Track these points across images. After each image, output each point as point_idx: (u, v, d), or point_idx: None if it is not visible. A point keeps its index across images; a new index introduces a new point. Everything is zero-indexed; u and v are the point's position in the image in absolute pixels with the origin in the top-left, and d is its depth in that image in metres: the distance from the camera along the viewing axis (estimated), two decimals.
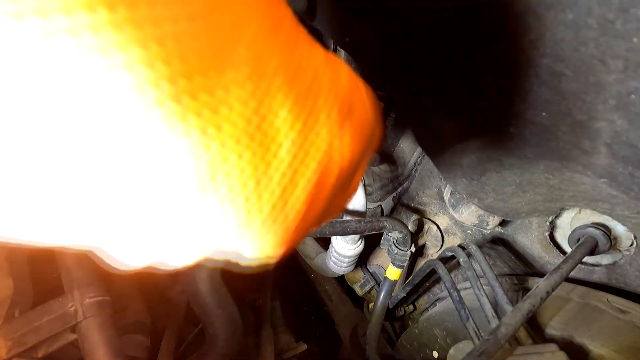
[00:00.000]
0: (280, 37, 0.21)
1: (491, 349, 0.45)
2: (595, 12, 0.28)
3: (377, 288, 1.01)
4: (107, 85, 0.16)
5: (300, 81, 0.22)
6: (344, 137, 0.25)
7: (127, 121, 0.17)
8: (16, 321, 0.58)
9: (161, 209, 0.19)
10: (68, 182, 0.18)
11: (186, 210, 0.19)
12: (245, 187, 0.20)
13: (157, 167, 0.18)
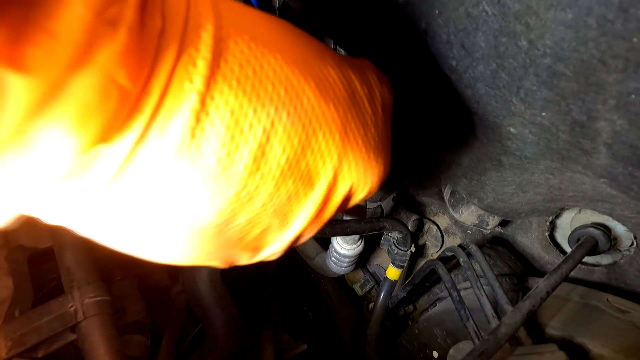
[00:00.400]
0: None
1: (491, 349, 0.45)
2: (595, 12, 0.28)
3: (377, 288, 1.01)
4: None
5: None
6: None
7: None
8: (16, 321, 0.58)
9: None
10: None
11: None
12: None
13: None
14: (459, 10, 0.37)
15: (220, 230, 0.27)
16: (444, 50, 0.43)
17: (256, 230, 0.29)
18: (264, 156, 0.25)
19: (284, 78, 0.26)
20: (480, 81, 0.42)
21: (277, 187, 0.27)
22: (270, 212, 0.28)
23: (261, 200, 0.27)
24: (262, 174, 0.26)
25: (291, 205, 0.29)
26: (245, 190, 0.26)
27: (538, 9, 0.31)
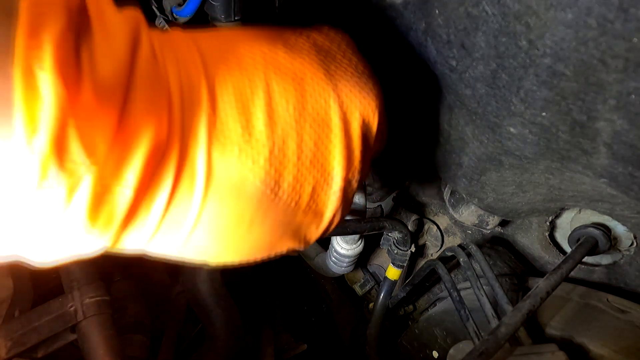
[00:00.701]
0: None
1: (491, 349, 0.45)
2: (595, 12, 0.28)
3: (377, 288, 1.01)
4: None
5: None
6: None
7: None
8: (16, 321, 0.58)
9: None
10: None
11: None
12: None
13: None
14: (459, 10, 0.37)
15: (276, 194, 0.31)
16: (444, 50, 0.43)
17: (307, 189, 0.33)
18: (274, 110, 0.30)
19: (256, 49, 0.32)
20: (480, 81, 0.42)
21: (299, 134, 0.31)
22: (308, 165, 0.32)
23: (293, 151, 0.31)
24: (281, 127, 0.30)
25: (321, 151, 0.33)
26: (275, 146, 0.30)
27: (538, 9, 0.31)
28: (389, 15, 0.48)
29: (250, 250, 0.34)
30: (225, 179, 0.28)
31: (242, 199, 0.29)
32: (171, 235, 0.29)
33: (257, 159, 0.29)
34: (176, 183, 0.26)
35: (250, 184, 0.29)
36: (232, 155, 0.28)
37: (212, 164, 0.27)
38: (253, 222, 0.31)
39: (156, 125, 0.25)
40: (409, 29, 0.47)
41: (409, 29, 0.47)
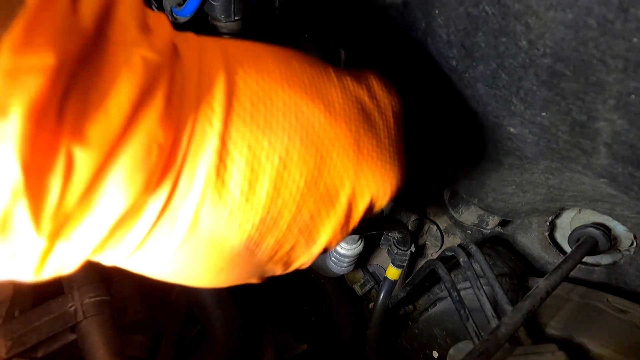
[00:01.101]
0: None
1: (491, 349, 0.45)
2: (595, 12, 0.28)
3: (377, 288, 1.01)
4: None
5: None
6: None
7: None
8: (16, 321, 0.58)
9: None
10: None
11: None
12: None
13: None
14: (459, 10, 0.37)
15: (252, 252, 0.29)
16: (444, 50, 0.43)
17: (285, 248, 0.31)
18: (283, 182, 0.28)
19: (293, 106, 0.28)
20: (480, 81, 0.42)
21: (299, 209, 0.29)
22: (296, 232, 0.30)
23: (285, 222, 0.29)
24: (283, 199, 0.28)
25: (315, 223, 0.31)
26: (269, 216, 0.28)
27: (538, 9, 0.31)
28: (389, 15, 0.48)
29: (211, 284, 0.33)
30: (206, 233, 0.26)
31: (217, 253, 0.28)
32: (148, 260, 0.28)
33: (244, 224, 0.27)
34: (157, 220, 0.25)
35: (230, 243, 0.28)
36: (221, 217, 0.26)
37: (199, 218, 0.26)
38: (223, 270, 0.30)
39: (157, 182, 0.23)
40: (409, 28, 0.47)
41: (409, 29, 0.47)
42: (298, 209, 0.29)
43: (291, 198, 0.28)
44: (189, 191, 0.25)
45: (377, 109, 0.34)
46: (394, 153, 0.34)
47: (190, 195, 0.25)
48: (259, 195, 0.27)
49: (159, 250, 0.26)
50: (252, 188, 0.26)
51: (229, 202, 0.26)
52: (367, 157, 0.32)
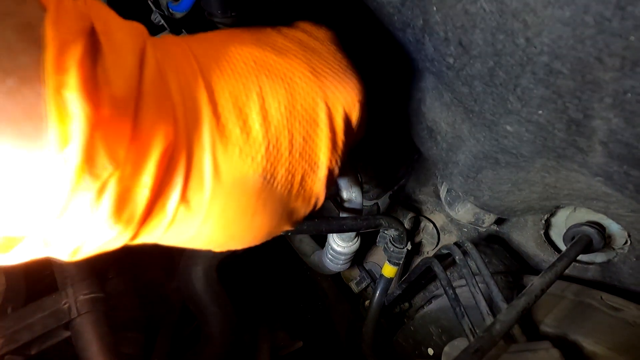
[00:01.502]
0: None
1: (486, 346, 0.45)
2: (592, 10, 0.28)
3: (372, 286, 1.01)
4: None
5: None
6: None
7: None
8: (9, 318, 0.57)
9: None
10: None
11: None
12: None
13: None
14: (456, 8, 0.37)
15: (272, 185, 0.35)
16: (442, 48, 0.43)
17: (297, 178, 0.37)
18: (267, 112, 0.34)
19: (248, 55, 0.35)
20: (478, 79, 0.42)
21: (291, 132, 0.35)
22: (298, 157, 0.36)
23: (286, 148, 0.35)
24: (275, 127, 0.34)
25: (310, 145, 0.37)
26: (270, 144, 0.34)
27: (535, 7, 0.31)
28: (387, 12, 0.48)
29: (252, 237, 0.38)
30: (229, 176, 0.31)
31: (244, 192, 0.33)
32: (183, 230, 0.32)
33: (255, 156, 0.33)
34: (186, 183, 0.29)
35: (251, 178, 0.33)
36: (234, 155, 0.31)
37: (218, 164, 0.31)
38: (255, 212, 0.35)
39: (164, 131, 0.28)
40: (407, 25, 0.46)
41: (406, 26, 0.47)
42: (290, 133, 0.35)
43: (280, 124, 0.34)
44: (201, 145, 0.30)
45: (316, 40, 0.42)
46: (345, 68, 0.41)
47: (204, 149, 0.30)
48: (255, 128, 0.33)
49: (194, 210, 0.30)
50: (246, 124, 0.32)
51: (234, 140, 0.31)
52: (323, 74, 0.38)
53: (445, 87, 0.49)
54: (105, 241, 0.28)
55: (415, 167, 0.95)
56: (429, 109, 0.57)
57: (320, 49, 0.41)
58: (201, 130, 0.30)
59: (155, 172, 0.27)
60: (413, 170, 0.96)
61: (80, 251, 0.29)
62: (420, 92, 0.57)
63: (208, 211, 0.31)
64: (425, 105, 0.57)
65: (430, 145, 0.64)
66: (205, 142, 0.30)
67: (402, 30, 0.48)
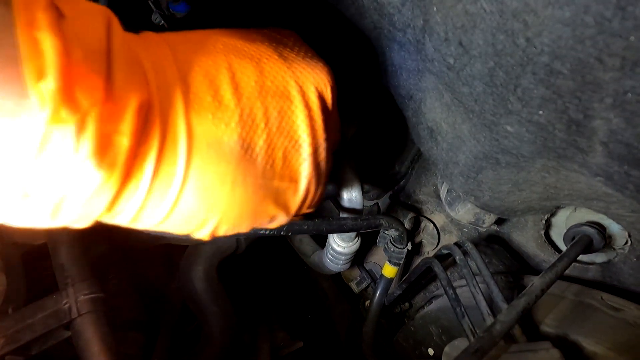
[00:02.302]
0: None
1: (486, 346, 0.45)
2: (592, 10, 0.28)
3: (373, 286, 1.01)
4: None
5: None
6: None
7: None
8: (9, 318, 0.57)
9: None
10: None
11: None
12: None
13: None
14: (457, 8, 0.37)
15: (250, 156, 0.36)
16: (442, 48, 0.43)
17: (278, 154, 0.37)
18: (238, 84, 0.35)
19: (217, 40, 0.38)
20: (478, 79, 0.42)
21: (264, 106, 0.36)
22: (275, 130, 0.37)
23: (260, 119, 0.36)
24: (246, 96, 0.35)
25: (286, 120, 0.38)
26: (244, 113, 0.35)
27: (536, 7, 0.31)
28: (387, 12, 0.48)
29: (237, 214, 0.37)
30: (203, 139, 0.33)
31: (222, 158, 0.34)
32: (163, 196, 0.32)
33: (228, 122, 0.34)
34: (162, 144, 0.30)
35: (226, 144, 0.34)
36: (207, 120, 0.33)
37: (192, 126, 0.32)
38: (235, 181, 0.35)
39: (137, 89, 0.29)
40: (407, 25, 0.46)
41: (406, 26, 0.47)
42: (264, 106, 0.36)
43: (252, 95, 0.36)
44: (175, 109, 0.31)
45: (283, 37, 0.45)
46: (311, 55, 0.44)
47: (178, 112, 0.31)
48: (226, 97, 0.34)
49: (172, 172, 0.31)
50: (217, 93, 0.34)
51: (206, 106, 0.33)
52: (290, 59, 0.41)
53: (446, 88, 0.49)
54: (89, 193, 0.28)
55: (416, 167, 0.95)
56: (430, 109, 0.57)
57: (287, 42, 0.44)
58: (173, 97, 0.32)
59: (133, 124, 0.28)
60: (413, 171, 0.96)
61: (62, 208, 0.28)
62: (420, 92, 0.57)
63: (185, 174, 0.32)
64: (426, 106, 0.57)
65: (430, 145, 0.64)
66: (177, 106, 0.32)
67: (403, 30, 0.48)
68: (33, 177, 0.26)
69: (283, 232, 0.45)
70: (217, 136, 0.33)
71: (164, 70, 0.32)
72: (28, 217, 0.29)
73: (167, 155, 0.31)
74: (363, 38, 0.58)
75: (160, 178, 0.31)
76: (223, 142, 0.33)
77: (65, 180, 0.27)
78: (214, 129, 0.33)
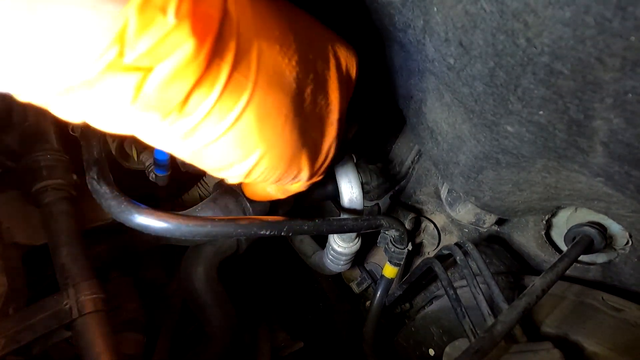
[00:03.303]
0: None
1: (487, 347, 0.45)
2: (593, 10, 0.28)
3: (373, 286, 1.01)
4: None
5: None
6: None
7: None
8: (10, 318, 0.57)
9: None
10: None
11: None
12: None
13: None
14: (457, 8, 0.37)
15: (301, 97, 0.39)
16: (442, 48, 0.43)
17: (317, 107, 0.42)
18: (297, 32, 0.38)
19: (284, 14, 0.39)
20: (478, 79, 0.42)
21: (313, 60, 0.40)
22: (318, 87, 0.41)
23: (310, 70, 0.39)
24: (302, 47, 0.39)
25: (324, 80, 0.42)
26: (301, 57, 0.38)
27: (536, 7, 0.31)
28: (387, 13, 0.48)
29: (279, 151, 0.39)
30: (270, 65, 0.35)
31: (281, 87, 0.36)
32: (228, 109, 0.33)
33: (291, 58, 0.37)
34: (237, 53, 0.32)
35: (287, 77, 0.37)
36: (275, 49, 0.35)
37: (262, 48, 0.34)
38: (288, 116, 0.38)
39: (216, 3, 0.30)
40: (407, 26, 0.46)
41: (407, 27, 0.47)
42: (313, 60, 0.40)
43: (306, 44, 0.39)
44: (249, 36, 0.33)
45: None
46: (341, 38, 0.48)
47: (252, 39, 0.33)
48: (289, 38, 0.37)
49: (244, 83, 0.33)
50: (283, 31, 0.37)
51: (274, 38, 0.35)
52: (329, 32, 0.45)
53: (446, 88, 0.49)
54: (179, 63, 0.28)
55: (416, 168, 0.95)
56: (430, 110, 0.57)
57: (324, 32, 0.47)
58: (248, 20, 0.33)
59: (219, 6, 0.29)
60: (414, 171, 0.96)
61: (149, 81, 0.28)
62: (420, 92, 0.57)
63: (253, 91, 0.34)
64: (426, 106, 0.57)
65: (431, 145, 0.64)
66: (251, 28, 0.33)
67: (403, 30, 0.48)
68: (130, 28, 0.25)
69: (283, 233, 0.45)
70: (281, 67, 0.36)
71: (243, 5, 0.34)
72: (111, 87, 0.27)
73: (240, 63, 0.32)
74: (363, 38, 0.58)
75: (232, 87, 0.32)
76: (285, 74, 0.36)
77: (163, 38, 0.26)
78: (279, 59, 0.35)
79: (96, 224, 0.71)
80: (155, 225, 0.38)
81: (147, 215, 0.38)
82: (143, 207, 0.39)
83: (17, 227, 0.66)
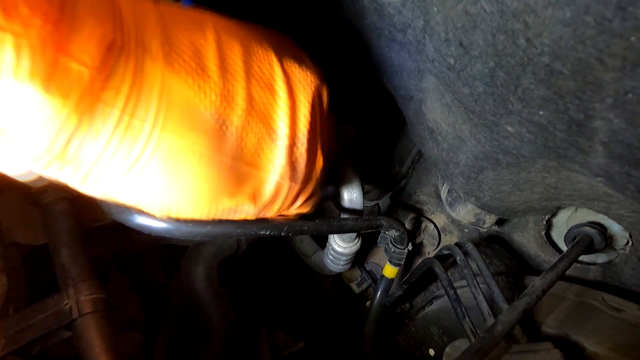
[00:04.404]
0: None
1: (487, 347, 0.45)
2: (593, 10, 0.28)
3: (373, 286, 1.01)
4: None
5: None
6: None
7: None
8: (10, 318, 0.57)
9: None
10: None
11: None
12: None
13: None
14: (457, 8, 0.37)
15: (224, 133, 0.34)
16: (442, 48, 0.43)
17: (252, 139, 0.36)
18: (224, 59, 0.34)
19: (209, 19, 0.36)
20: (478, 79, 0.42)
21: (247, 87, 0.35)
22: (254, 115, 0.36)
23: (242, 98, 0.35)
24: (230, 73, 0.34)
25: (267, 108, 0.37)
26: (226, 88, 0.34)
27: (536, 7, 0.31)
28: (388, 13, 0.48)
29: (198, 190, 0.35)
30: (178, 103, 0.31)
31: (193, 126, 0.32)
32: (124, 153, 0.30)
33: (209, 92, 0.32)
34: (132, 92, 0.29)
35: (202, 114, 0.32)
36: (186, 83, 0.31)
37: (168, 85, 0.31)
38: (203, 154, 0.33)
39: (106, 26, 0.28)
40: (407, 26, 0.46)
41: (407, 27, 0.47)
42: (247, 87, 0.35)
43: (237, 73, 0.35)
44: (152, 61, 0.30)
45: (277, 34, 0.43)
46: (304, 57, 0.44)
47: (155, 65, 0.30)
48: (211, 67, 0.33)
49: (143, 120, 0.30)
50: (202, 60, 0.33)
51: (187, 70, 0.31)
52: (281, 52, 0.39)
53: (446, 88, 0.49)
54: (40, 123, 0.26)
55: (416, 168, 0.95)
56: (430, 110, 0.57)
57: (280, 39, 0.43)
58: (152, 51, 0.30)
59: (96, 58, 0.27)
60: (414, 171, 0.96)
61: (7, 135, 0.26)
62: (421, 92, 0.57)
63: (152, 131, 0.30)
64: (426, 106, 0.57)
65: (431, 145, 0.64)
66: (156, 61, 0.30)
67: (403, 31, 0.48)
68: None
69: (283, 233, 0.45)
70: (194, 103, 0.32)
71: (146, 24, 0.31)
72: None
73: (136, 107, 0.29)
74: (364, 38, 0.58)
75: (125, 129, 0.29)
76: (199, 111, 0.32)
77: (8, 105, 0.25)
78: (192, 94, 0.31)
79: (96, 224, 0.71)
80: (155, 226, 0.37)
81: (147, 216, 0.37)
82: None
83: (17, 227, 0.66)
